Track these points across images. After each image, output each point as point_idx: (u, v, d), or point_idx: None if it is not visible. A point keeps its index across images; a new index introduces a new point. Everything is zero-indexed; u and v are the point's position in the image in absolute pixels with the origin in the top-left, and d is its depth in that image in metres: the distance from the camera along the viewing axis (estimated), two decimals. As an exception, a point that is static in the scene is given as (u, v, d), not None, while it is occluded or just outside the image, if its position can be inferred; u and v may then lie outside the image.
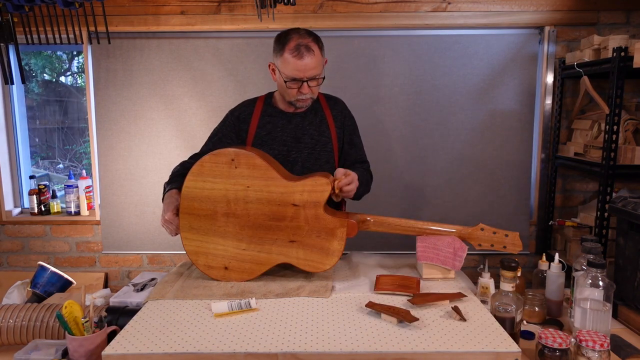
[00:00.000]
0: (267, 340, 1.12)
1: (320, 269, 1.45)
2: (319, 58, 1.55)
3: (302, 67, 1.52)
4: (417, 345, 1.09)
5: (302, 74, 1.53)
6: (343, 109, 1.76)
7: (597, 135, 2.26)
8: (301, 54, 1.51)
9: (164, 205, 1.56)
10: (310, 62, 1.53)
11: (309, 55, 1.52)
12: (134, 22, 2.48)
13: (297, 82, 1.55)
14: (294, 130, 1.67)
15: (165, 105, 2.55)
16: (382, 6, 2.45)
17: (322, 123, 1.70)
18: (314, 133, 1.68)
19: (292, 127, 1.67)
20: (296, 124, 1.67)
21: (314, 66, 1.54)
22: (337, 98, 1.78)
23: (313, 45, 1.54)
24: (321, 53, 1.57)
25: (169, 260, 2.72)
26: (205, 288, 1.43)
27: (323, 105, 1.72)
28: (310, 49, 1.53)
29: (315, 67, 1.54)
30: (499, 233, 1.49)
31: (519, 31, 2.47)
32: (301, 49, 1.51)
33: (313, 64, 1.53)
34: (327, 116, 1.71)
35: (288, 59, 1.52)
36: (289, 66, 1.53)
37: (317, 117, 1.70)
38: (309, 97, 1.60)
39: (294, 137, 1.67)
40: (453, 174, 2.56)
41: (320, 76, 1.58)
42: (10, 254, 2.76)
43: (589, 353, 1.10)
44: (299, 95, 1.58)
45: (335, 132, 1.71)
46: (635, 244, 1.41)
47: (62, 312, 1.18)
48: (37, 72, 2.88)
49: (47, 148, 2.94)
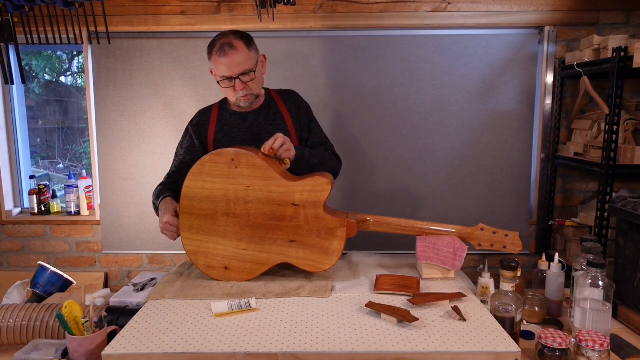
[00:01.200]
0: (267, 340, 1.12)
1: (320, 269, 1.45)
2: (244, 53, 1.59)
3: (227, 63, 1.57)
4: (417, 345, 1.09)
5: (230, 71, 1.58)
6: (296, 100, 1.78)
7: (597, 135, 2.26)
8: (225, 52, 1.56)
9: (160, 212, 1.57)
10: (235, 58, 1.57)
11: (232, 52, 1.57)
12: (134, 22, 2.48)
13: (229, 81, 1.60)
14: (250, 128, 1.70)
15: (165, 105, 2.55)
16: (382, 6, 2.46)
17: (277, 117, 1.72)
18: (270, 128, 1.70)
19: (247, 126, 1.70)
20: (251, 122, 1.70)
21: (240, 61, 1.58)
22: (289, 90, 1.81)
23: (236, 42, 1.58)
24: (248, 48, 1.61)
25: (169, 260, 2.72)
26: (205, 288, 1.43)
27: (276, 100, 1.76)
28: (233, 46, 1.57)
29: (242, 62, 1.58)
30: (498, 233, 1.49)
31: (519, 31, 2.47)
32: (224, 47, 1.57)
33: (238, 59, 1.57)
34: (281, 110, 1.74)
35: (215, 60, 1.59)
36: (217, 66, 1.59)
37: (272, 112, 1.73)
38: (247, 93, 1.63)
39: (251, 135, 1.69)
40: (453, 174, 2.56)
41: (250, 70, 1.61)
42: (10, 254, 2.76)
43: (589, 353, 1.10)
44: (236, 93, 1.63)
45: (292, 124, 1.73)
46: (635, 244, 1.41)
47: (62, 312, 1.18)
48: (37, 72, 2.89)
49: (47, 148, 2.94)
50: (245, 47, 1.60)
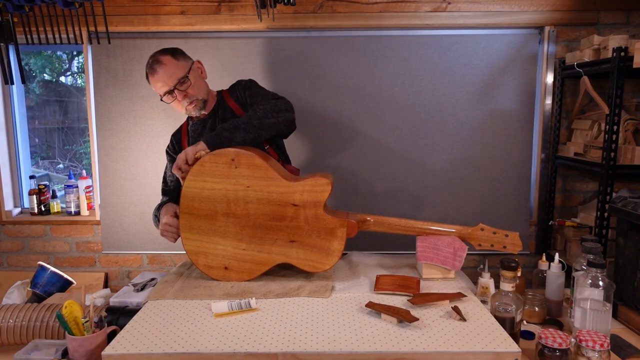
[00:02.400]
0: (267, 340, 1.12)
1: (320, 269, 1.45)
2: (172, 64, 1.64)
3: (160, 78, 1.63)
4: (417, 345, 1.09)
5: (165, 84, 1.64)
6: (237, 86, 1.80)
7: (597, 135, 2.26)
8: (154, 69, 1.64)
9: (160, 214, 1.60)
10: (165, 71, 1.63)
11: (160, 67, 1.63)
12: (134, 22, 2.48)
13: (169, 95, 1.66)
14: (210, 130, 1.75)
15: (165, 105, 2.54)
16: (382, 6, 2.45)
17: (227, 113, 1.76)
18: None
19: (207, 130, 1.76)
20: (210, 125, 1.76)
21: (171, 72, 1.63)
22: (235, 83, 1.83)
23: (161, 57, 1.65)
24: (175, 59, 1.66)
25: (169, 260, 2.72)
26: (205, 288, 1.43)
27: (225, 97, 1.80)
28: (159, 61, 1.64)
29: (173, 72, 1.64)
30: (499, 233, 1.49)
31: (519, 31, 2.47)
32: (153, 66, 1.64)
33: (168, 72, 1.63)
34: (230, 105, 1.77)
35: (151, 80, 1.67)
36: (155, 85, 1.66)
37: (222, 109, 1.78)
38: (191, 99, 1.68)
39: None
40: (453, 174, 2.56)
41: (184, 77, 1.65)
42: (10, 254, 2.76)
43: (589, 353, 1.10)
44: (182, 104, 1.68)
45: (242, 111, 1.75)
46: (635, 244, 1.41)
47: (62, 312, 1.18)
48: (37, 72, 2.88)
49: (47, 148, 2.94)
50: (172, 59, 1.66)
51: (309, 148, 2.52)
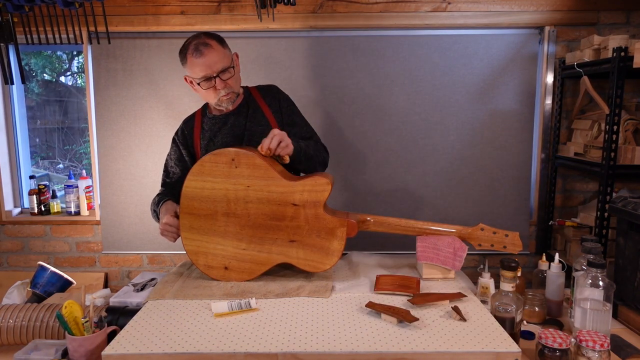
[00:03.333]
0: (267, 340, 1.12)
1: (320, 268, 1.45)
2: (220, 51, 1.58)
3: (205, 62, 1.55)
4: (417, 345, 1.09)
5: (209, 69, 1.56)
6: (276, 94, 1.76)
7: (597, 135, 2.26)
8: (201, 51, 1.55)
9: (160, 214, 1.58)
10: (212, 56, 1.56)
11: (208, 50, 1.56)
12: (134, 22, 2.48)
13: (209, 80, 1.58)
14: (231, 129, 1.68)
15: (165, 105, 2.55)
16: (382, 6, 2.45)
17: (257, 113, 1.70)
18: (251, 126, 1.68)
19: (229, 127, 1.69)
20: (232, 124, 1.69)
21: (218, 59, 1.57)
22: (269, 86, 1.79)
23: (209, 41, 1.58)
24: (222, 46, 1.60)
25: (169, 260, 2.72)
26: (205, 288, 1.43)
27: (255, 96, 1.74)
28: (208, 44, 1.57)
29: (220, 59, 1.57)
30: (499, 233, 1.49)
31: (519, 31, 2.47)
32: (200, 47, 1.56)
33: (215, 57, 1.57)
34: (260, 106, 1.72)
35: (192, 61, 1.57)
36: (195, 67, 1.57)
37: (251, 110, 1.71)
38: (228, 91, 1.62)
39: (233, 135, 1.67)
40: (453, 174, 2.56)
41: (229, 67, 1.60)
42: (10, 254, 2.76)
43: (589, 353, 1.10)
44: (217, 93, 1.61)
45: (274, 118, 1.71)
46: (635, 244, 1.41)
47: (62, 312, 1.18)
48: (37, 72, 2.88)
49: (47, 148, 2.94)
50: (219, 45, 1.60)
51: (309, 148, 2.52)
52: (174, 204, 1.60)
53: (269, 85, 1.79)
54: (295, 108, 1.78)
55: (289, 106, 1.76)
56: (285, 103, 1.76)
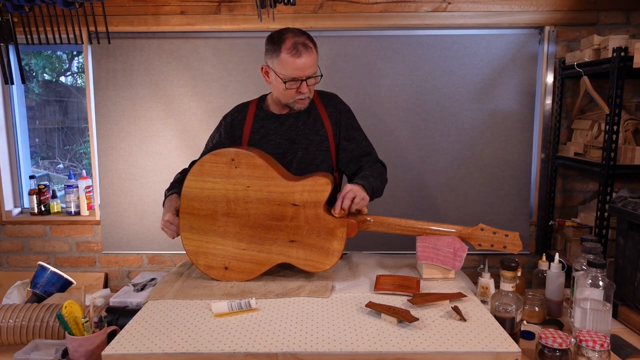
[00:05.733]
0: (267, 340, 1.12)
1: (320, 269, 1.45)
2: (315, 56, 1.55)
3: (301, 65, 1.50)
4: (417, 345, 1.09)
5: (301, 72, 1.51)
6: (337, 105, 1.71)
7: (597, 135, 2.26)
8: (299, 52, 1.50)
9: (164, 209, 1.58)
10: (309, 60, 1.51)
11: (307, 53, 1.51)
12: (134, 22, 2.48)
13: (296, 82, 1.53)
14: (287, 132, 1.64)
15: (165, 105, 2.55)
16: (382, 6, 2.45)
17: (317, 122, 1.66)
18: (308, 133, 1.64)
19: (285, 129, 1.64)
20: (289, 126, 1.64)
21: (312, 64, 1.53)
22: (331, 94, 1.75)
23: (309, 43, 1.54)
24: (316, 51, 1.57)
25: (169, 260, 2.72)
26: (205, 288, 1.43)
27: (317, 103, 1.68)
28: (308, 46, 1.52)
29: (313, 65, 1.54)
30: (499, 233, 1.49)
31: (519, 31, 2.47)
32: (299, 47, 1.50)
33: (311, 61, 1.52)
34: (321, 114, 1.67)
35: (286, 58, 1.50)
36: (287, 66, 1.50)
37: (311, 116, 1.66)
38: (307, 96, 1.58)
39: (288, 138, 1.64)
40: (453, 174, 2.56)
41: (317, 74, 1.57)
42: (10, 254, 2.76)
43: (589, 353, 1.10)
44: (297, 95, 1.56)
45: (331, 129, 1.66)
46: (635, 244, 1.41)
47: (62, 312, 1.18)
48: (37, 72, 2.88)
49: (47, 148, 2.94)
50: (314, 50, 1.55)
51: (309, 148, 2.52)
52: (177, 200, 1.57)
53: (331, 94, 1.74)
54: (355, 122, 1.73)
55: (349, 119, 1.71)
56: (345, 116, 1.70)
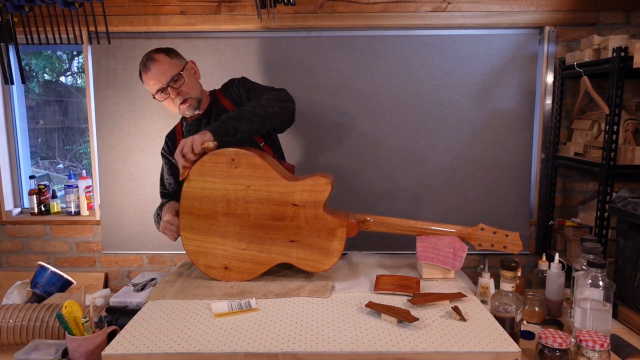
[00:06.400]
0: (267, 340, 1.12)
1: (320, 268, 1.45)
2: (166, 62, 1.64)
3: (152, 76, 1.63)
4: (417, 345, 1.09)
5: (158, 81, 1.63)
6: (231, 86, 1.79)
7: (597, 135, 2.26)
8: (147, 66, 1.64)
9: (162, 213, 1.60)
10: (158, 68, 1.63)
11: (154, 64, 1.63)
12: (134, 22, 2.48)
13: (162, 93, 1.65)
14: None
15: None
16: (382, 6, 2.45)
17: (220, 110, 1.74)
18: None
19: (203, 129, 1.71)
20: (205, 124, 1.74)
21: (165, 70, 1.63)
22: (227, 82, 1.83)
23: (155, 55, 1.65)
24: (169, 57, 1.66)
25: (169, 260, 2.72)
26: (205, 288, 1.43)
27: (218, 96, 1.79)
28: (152, 58, 1.64)
29: (167, 70, 1.63)
30: (499, 233, 1.49)
31: (519, 31, 2.47)
32: (146, 63, 1.64)
33: (162, 68, 1.63)
34: (223, 104, 1.76)
35: (144, 78, 1.67)
36: (148, 82, 1.66)
37: (216, 109, 1.76)
38: (184, 97, 1.66)
39: None
40: (453, 174, 2.56)
41: (177, 74, 1.64)
42: (10, 254, 2.76)
43: (589, 353, 1.10)
44: (175, 101, 1.66)
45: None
46: (635, 244, 1.41)
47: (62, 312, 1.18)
48: (37, 72, 2.88)
49: (47, 148, 2.94)
50: (165, 57, 1.66)
51: (309, 148, 2.52)
52: (176, 203, 1.61)
53: (227, 81, 1.83)
54: (249, 84, 1.78)
55: (243, 88, 1.77)
56: (239, 88, 1.77)
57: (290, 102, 1.66)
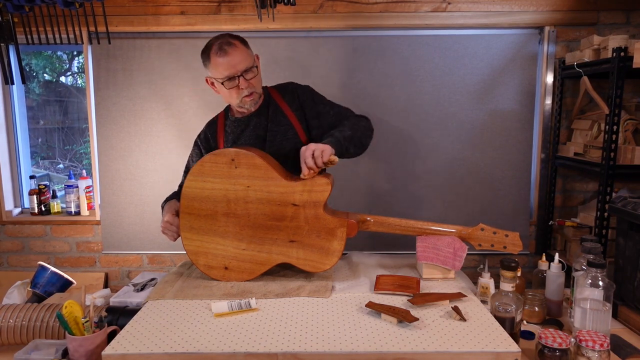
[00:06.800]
0: (267, 340, 1.12)
1: (320, 269, 1.45)
2: (244, 51, 1.58)
3: (229, 62, 1.55)
4: (417, 345, 1.09)
5: (233, 69, 1.55)
6: (293, 90, 1.74)
7: (597, 135, 2.26)
8: (225, 50, 1.54)
9: (163, 212, 1.59)
10: (236, 56, 1.55)
11: (232, 49, 1.55)
12: (134, 22, 2.48)
13: (233, 80, 1.57)
14: (253, 131, 1.67)
15: (165, 105, 2.55)
16: (382, 6, 2.45)
17: (277, 113, 1.69)
18: (272, 126, 1.67)
19: (251, 130, 1.68)
20: (254, 125, 1.68)
21: (242, 58, 1.56)
22: (286, 83, 1.78)
23: (233, 40, 1.58)
24: (245, 46, 1.60)
25: (169, 260, 2.72)
26: (205, 288, 1.43)
27: (274, 96, 1.72)
28: (232, 44, 1.56)
29: (244, 59, 1.57)
30: (499, 233, 1.49)
31: (519, 31, 2.47)
32: (223, 47, 1.55)
33: (239, 56, 1.56)
34: (280, 105, 1.70)
35: (216, 61, 1.56)
36: (219, 67, 1.56)
37: (271, 110, 1.70)
38: (251, 91, 1.61)
39: (256, 137, 1.67)
40: (453, 174, 2.56)
41: (252, 66, 1.60)
42: (10, 254, 2.76)
43: (589, 353, 1.10)
44: (240, 93, 1.60)
45: (294, 116, 1.69)
46: (635, 244, 1.41)
47: (62, 312, 1.18)
48: (37, 72, 2.89)
49: (47, 148, 2.94)
50: (243, 45, 1.60)
51: (309, 148, 2.52)
52: (176, 203, 1.60)
53: (287, 83, 1.77)
54: (316, 97, 1.74)
55: (310, 99, 1.73)
56: (305, 97, 1.72)
57: (368, 121, 1.71)
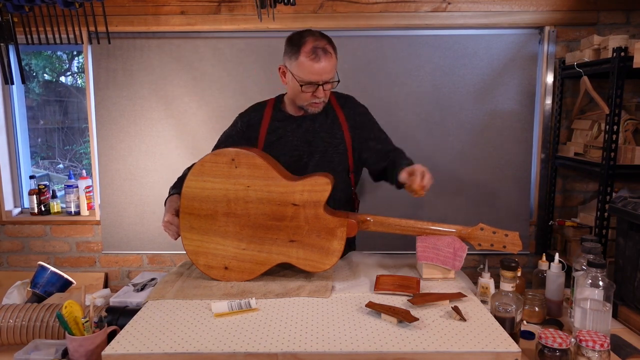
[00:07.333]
0: (267, 340, 1.12)
1: (320, 268, 1.45)
2: (334, 61, 1.53)
3: (319, 70, 1.48)
4: (417, 345, 1.09)
5: (318, 77, 1.50)
6: (354, 107, 1.70)
7: (597, 135, 2.26)
8: (318, 57, 1.48)
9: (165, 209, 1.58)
10: (327, 65, 1.49)
11: (326, 58, 1.49)
12: (134, 22, 2.48)
13: (312, 86, 1.52)
14: (304, 134, 1.63)
15: (165, 105, 2.55)
16: (382, 6, 2.45)
17: (334, 124, 1.64)
18: (326, 136, 1.63)
19: (302, 131, 1.63)
20: (306, 128, 1.63)
21: (330, 69, 1.51)
22: (347, 96, 1.73)
23: (329, 48, 1.51)
24: (336, 57, 1.54)
25: (169, 260, 2.72)
26: (205, 288, 1.43)
27: (334, 105, 1.67)
28: (327, 52, 1.50)
29: (332, 70, 1.52)
30: (498, 233, 1.49)
31: (519, 31, 2.47)
32: (318, 52, 1.48)
33: (330, 67, 1.50)
34: (338, 116, 1.65)
35: (304, 62, 1.48)
36: (305, 70, 1.49)
37: (329, 119, 1.65)
38: (322, 100, 1.57)
39: (304, 141, 1.63)
40: (453, 174, 2.56)
41: (334, 79, 1.55)
42: (10, 254, 2.76)
43: (589, 353, 1.10)
44: (312, 99, 1.55)
45: (348, 132, 1.65)
46: (635, 244, 1.41)
47: (62, 312, 1.18)
48: (37, 72, 2.88)
49: (47, 148, 2.94)
50: (334, 55, 1.53)
51: (309, 148, 2.52)
52: (178, 201, 1.57)
53: (348, 96, 1.73)
54: (376, 124, 1.72)
55: (370, 121, 1.70)
56: (365, 118, 1.70)
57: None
